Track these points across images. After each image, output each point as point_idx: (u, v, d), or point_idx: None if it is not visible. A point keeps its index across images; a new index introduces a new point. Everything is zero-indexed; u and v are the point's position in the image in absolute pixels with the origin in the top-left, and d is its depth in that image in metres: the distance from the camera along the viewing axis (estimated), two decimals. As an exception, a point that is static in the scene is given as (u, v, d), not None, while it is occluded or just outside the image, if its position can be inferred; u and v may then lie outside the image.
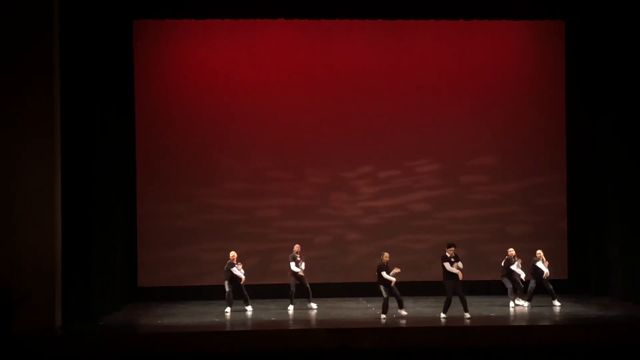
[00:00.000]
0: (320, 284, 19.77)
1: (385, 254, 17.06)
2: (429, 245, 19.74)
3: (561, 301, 18.35)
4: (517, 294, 18.33)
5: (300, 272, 18.28)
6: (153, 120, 20.38)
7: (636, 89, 18.54)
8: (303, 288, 18.41)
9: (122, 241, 19.40)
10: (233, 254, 17.99)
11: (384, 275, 16.84)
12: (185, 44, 20.49)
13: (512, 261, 18.20)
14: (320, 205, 20.68)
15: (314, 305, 18.40)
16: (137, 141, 20.34)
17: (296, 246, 18.49)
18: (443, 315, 16.75)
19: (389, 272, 16.83)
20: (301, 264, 18.35)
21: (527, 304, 18.22)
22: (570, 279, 20.44)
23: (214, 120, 20.55)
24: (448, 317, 16.67)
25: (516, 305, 18.17)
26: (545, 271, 18.16)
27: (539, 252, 18.40)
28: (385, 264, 16.95)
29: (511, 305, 18.13)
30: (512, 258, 18.23)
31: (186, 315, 17.72)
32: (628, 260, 18.89)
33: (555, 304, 18.19)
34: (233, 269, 17.80)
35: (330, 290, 19.95)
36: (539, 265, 18.26)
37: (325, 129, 20.65)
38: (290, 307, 18.24)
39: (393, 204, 20.69)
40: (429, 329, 15.89)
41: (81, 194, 16.98)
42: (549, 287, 18.19)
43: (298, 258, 18.35)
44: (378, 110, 20.69)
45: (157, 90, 20.43)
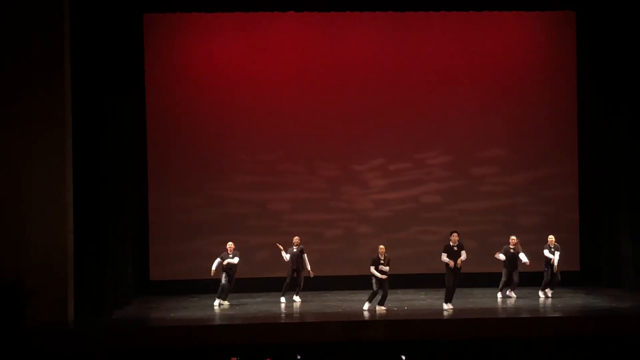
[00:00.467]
0: (331, 277, 19.81)
1: (381, 247, 17.04)
2: (439, 237, 19.63)
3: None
4: (510, 286, 18.34)
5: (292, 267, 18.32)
6: (164, 113, 20.38)
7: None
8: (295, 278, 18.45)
9: (134, 235, 19.43)
10: (230, 245, 18.00)
11: (372, 270, 16.85)
12: (195, 37, 20.47)
13: (519, 250, 18.18)
14: (331, 198, 20.66)
15: (297, 299, 18.40)
16: (148, 135, 20.34)
17: (295, 238, 18.49)
18: (446, 307, 16.76)
19: (378, 268, 16.83)
20: (303, 255, 18.35)
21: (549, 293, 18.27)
22: (582, 271, 20.38)
23: (225, 114, 20.54)
24: (457, 310, 16.67)
25: (506, 296, 18.24)
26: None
27: (551, 238, 18.32)
28: (378, 258, 16.91)
29: (499, 296, 18.28)
30: (515, 247, 18.21)
31: (198, 309, 17.76)
32: (640, 251, 18.83)
33: (541, 295, 18.21)
34: (226, 260, 17.83)
35: (342, 283, 19.94)
36: (545, 252, 18.18)
37: (335, 122, 20.62)
38: (282, 300, 18.31)
39: (403, 197, 20.65)
40: (439, 321, 15.91)
41: (92, 188, 16.98)
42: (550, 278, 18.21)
43: (295, 250, 18.32)
44: (388, 103, 20.63)
45: (168, 84, 20.42)
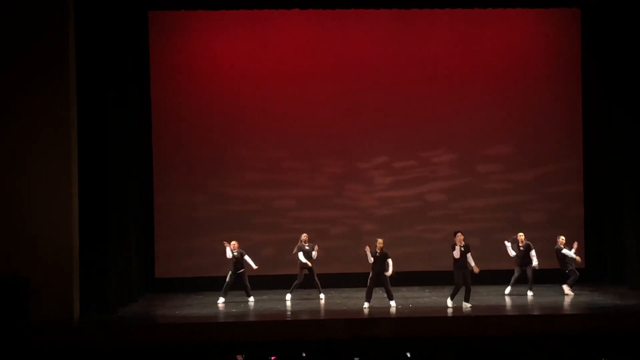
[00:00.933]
0: (336, 274, 19.84)
1: (379, 241, 17.11)
2: (444, 235, 19.70)
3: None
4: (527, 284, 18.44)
5: (309, 263, 18.33)
6: (169, 111, 20.41)
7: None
8: (311, 280, 18.50)
9: (139, 232, 19.44)
10: (233, 243, 18.11)
11: (369, 259, 16.97)
12: (200, 35, 20.49)
13: (531, 247, 18.24)
14: (335, 195, 20.70)
15: (322, 297, 18.46)
16: (153, 132, 20.37)
17: (304, 235, 18.52)
18: (450, 303, 16.81)
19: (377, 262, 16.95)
20: (312, 253, 18.38)
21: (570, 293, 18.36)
22: (587, 268, 20.31)
23: (230, 111, 20.57)
24: (459, 306, 16.76)
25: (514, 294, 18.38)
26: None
27: (562, 239, 18.34)
28: (376, 252, 16.98)
29: (507, 291, 18.41)
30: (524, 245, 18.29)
31: (203, 306, 17.82)
32: (645, 249, 18.84)
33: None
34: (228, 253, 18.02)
35: (346, 281, 19.92)
36: (566, 252, 18.23)
37: (340, 119, 20.64)
38: (288, 296, 18.33)
39: (408, 195, 20.67)
40: (444, 318, 15.98)
41: (97, 185, 17.05)
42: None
43: (307, 247, 18.36)
44: (393, 100, 20.65)
45: (173, 81, 20.44)
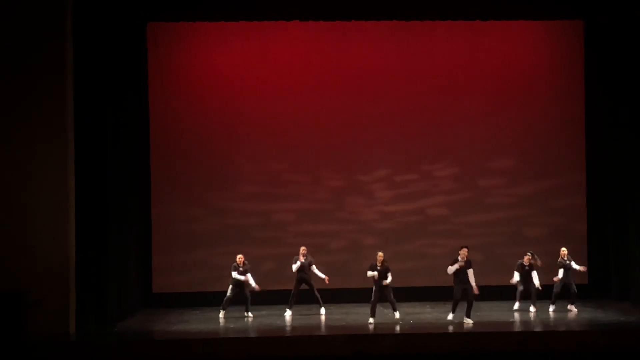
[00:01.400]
0: (336, 289, 19.69)
1: (379, 254, 17.12)
2: (445, 250, 19.67)
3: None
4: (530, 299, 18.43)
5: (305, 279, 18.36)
6: (167, 123, 20.41)
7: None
8: (311, 294, 18.49)
9: (137, 246, 19.46)
10: (239, 257, 18.06)
11: (368, 274, 16.89)
12: (199, 47, 20.51)
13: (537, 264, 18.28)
14: (335, 209, 20.67)
15: (323, 312, 18.44)
16: (152, 144, 20.36)
17: (302, 248, 18.50)
18: (450, 317, 16.82)
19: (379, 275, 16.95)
20: (311, 266, 18.39)
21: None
22: (589, 283, 20.30)
23: (229, 123, 20.57)
24: (461, 322, 16.74)
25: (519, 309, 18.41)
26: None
27: (563, 251, 18.35)
28: (376, 265, 16.95)
29: (516, 306, 18.43)
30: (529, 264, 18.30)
31: (201, 322, 17.79)
32: (649, 264, 18.83)
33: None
34: (233, 272, 17.94)
35: (346, 296, 19.92)
36: (574, 266, 18.24)
37: (340, 132, 20.64)
38: (288, 312, 18.32)
39: (410, 209, 20.64)
40: (446, 334, 15.95)
41: (95, 198, 17.02)
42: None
43: (302, 260, 18.35)
44: (394, 113, 20.65)
45: (172, 93, 20.45)
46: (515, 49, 20.86)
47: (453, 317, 16.98)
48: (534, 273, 18.24)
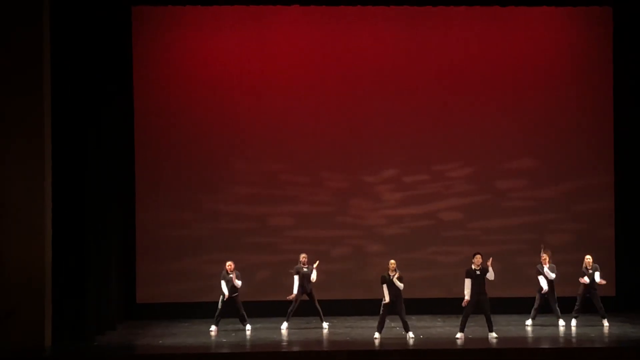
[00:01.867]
0: (339, 301, 19.72)
1: (391, 262, 16.90)
2: (459, 258, 19.55)
3: (609, 321, 18.17)
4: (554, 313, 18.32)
5: (307, 289, 18.19)
6: (154, 117, 20.32)
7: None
8: (311, 306, 18.33)
9: (119, 253, 19.37)
10: (229, 264, 17.93)
11: (384, 290, 16.71)
12: (189, 34, 20.43)
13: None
14: (338, 212, 20.57)
15: (325, 325, 18.31)
16: (136, 142, 20.28)
17: (302, 256, 18.35)
18: (459, 337, 16.70)
19: (390, 285, 16.69)
20: (312, 276, 18.22)
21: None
22: (618, 295, 20.22)
23: (221, 119, 20.49)
24: (478, 339, 16.60)
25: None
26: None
27: (588, 259, 18.21)
28: (389, 275, 16.78)
29: (529, 323, 18.34)
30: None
31: (189, 335, 17.67)
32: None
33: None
34: (222, 281, 17.82)
35: (350, 308, 19.85)
36: (597, 277, 18.10)
37: (344, 128, 20.54)
38: (284, 325, 18.24)
39: (420, 212, 20.56)
40: (457, 351, 15.82)
41: (73, 201, 16.96)
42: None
43: (305, 269, 18.22)
44: (403, 108, 20.55)
45: (159, 86, 20.39)
46: (537, 38, 20.78)
47: (462, 337, 16.75)
48: (541, 275, 18.11)
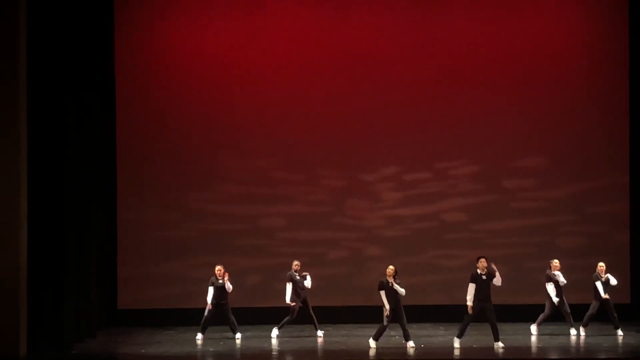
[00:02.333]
0: (335, 308, 19.81)
1: (390, 268, 16.87)
2: (463, 262, 19.64)
3: (623, 330, 18.25)
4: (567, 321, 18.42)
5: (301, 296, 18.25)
6: (137, 111, 20.39)
7: None
8: (306, 314, 18.38)
9: (99, 255, 19.37)
10: (218, 269, 17.99)
11: (382, 297, 16.69)
12: (176, 22, 20.47)
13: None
14: (334, 213, 20.64)
15: (320, 334, 18.37)
16: (118, 136, 20.33)
17: (295, 263, 18.37)
18: (457, 344, 16.78)
19: (389, 292, 16.69)
20: (305, 282, 18.27)
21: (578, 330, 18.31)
22: (633, 303, 20.28)
23: (210, 112, 20.54)
24: (482, 348, 16.72)
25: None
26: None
27: (600, 266, 18.30)
28: (387, 282, 16.81)
29: (534, 330, 18.47)
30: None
31: (174, 344, 17.72)
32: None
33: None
34: (210, 288, 17.90)
35: (347, 315, 19.94)
36: (612, 280, 18.20)
37: (341, 123, 20.60)
38: (275, 331, 18.30)
39: (421, 213, 20.63)
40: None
41: (51, 200, 16.94)
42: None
43: (298, 277, 18.29)
44: (404, 101, 20.62)
45: (143, 77, 20.45)
46: (548, 29, 20.83)
47: (460, 343, 16.85)
48: (551, 284, 18.21)
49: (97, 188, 19.33)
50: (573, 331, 18.26)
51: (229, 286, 17.84)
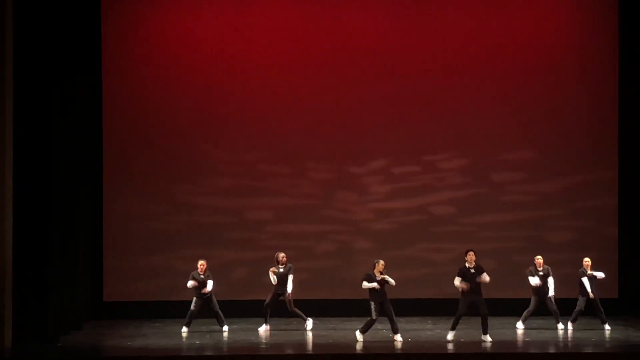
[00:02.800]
0: (322, 301, 19.83)
1: (380, 263, 16.94)
2: (452, 255, 19.65)
3: (611, 325, 18.30)
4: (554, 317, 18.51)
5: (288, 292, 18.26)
6: (124, 102, 20.37)
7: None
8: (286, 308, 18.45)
9: (85, 246, 19.40)
10: (201, 264, 18.01)
11: (364, 284, 16.77)
12: (163, 13, 20.48)
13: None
14: (323, 206, 20.67)
15: (309, 325, 18.44)
16: (105, 127, 20.31)
17: (281, 255, 18.40)
18: (449, 337, 16.83)
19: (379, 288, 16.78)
20: (288, 281, 18.28)
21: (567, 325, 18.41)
22: (621, 298, 20.34)
23: (198, 103, 20.53)
24: (471, 342, 16.74)
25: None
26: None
27: (586, 261, 18.35)
28: (373, 274, 16.84)
29: (520, 326, 18.54)
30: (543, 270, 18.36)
31: (161, 336, 17.75)
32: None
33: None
34: (190, 281, 17.93)
35: (334, 308, 19.95)
36: (584, 281, 18.26)
37: (329, 116, 20.62)
38: (263, 327, 18.32)
39: (410, 206, 20.65)
40: (449, 355, 15.97)
41: (36, 191, 16.95)
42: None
43: (280, 269, 18.28)
44: (393, 94, 20.64)
45: (130, 68, 20.43)
46: (537, 23, 20.86)
47: (452, 336, 16.92)
48: (551, 279, 18.25)
49: (84, 179, 19.38)
50: (560, 325, 18.30)
51: (207, 289, 17.80)
